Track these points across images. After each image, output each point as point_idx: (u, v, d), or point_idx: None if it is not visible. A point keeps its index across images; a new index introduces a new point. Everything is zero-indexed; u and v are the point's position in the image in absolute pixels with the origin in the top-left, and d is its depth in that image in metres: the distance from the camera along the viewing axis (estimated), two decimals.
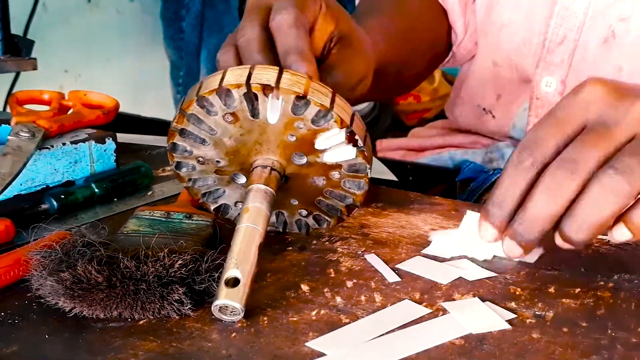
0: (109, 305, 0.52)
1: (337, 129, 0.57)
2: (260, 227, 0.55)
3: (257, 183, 0.58)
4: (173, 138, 0.61)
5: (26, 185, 0.72)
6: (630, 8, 0.86)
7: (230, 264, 0.53)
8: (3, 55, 0.88)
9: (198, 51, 2.20)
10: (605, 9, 0.87)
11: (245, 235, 0.55)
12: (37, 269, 0.54)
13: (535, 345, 0.49)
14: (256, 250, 0.54)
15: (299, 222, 0.66)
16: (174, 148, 0.62)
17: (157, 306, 0.52)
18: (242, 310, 0.51)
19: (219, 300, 0.51)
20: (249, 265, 0.53)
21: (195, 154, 0.61)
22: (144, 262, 0.53)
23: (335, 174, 0.61)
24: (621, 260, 0.62)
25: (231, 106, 0.58)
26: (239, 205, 0.65)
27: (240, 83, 0.56)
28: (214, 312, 0.52)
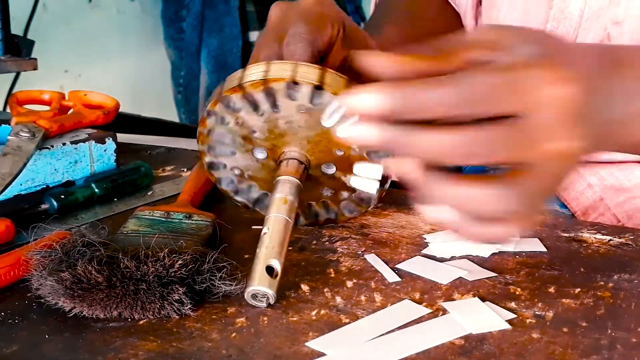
0: (109, 305, 0.52)
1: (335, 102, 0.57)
2: (291, 219, 0.57)
3: (281, 175, 0.60)
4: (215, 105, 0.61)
5: (26, 185, 0.72)
6: (624, 12, 0.86)
7: (272, 252, 0.54)
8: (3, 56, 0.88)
9: (198, 51, 2.20)
10: (600, 11, 0.87)
11: (280, 225, 0.56)
12: (37, 268, 0.54)
13: (535, 345, 0.49)
14: (288, 240, 0.56)
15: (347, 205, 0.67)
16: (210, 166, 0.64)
17: (157, 306, 0.52)
18: (274, 299, 0.53)
19: (259, 287, 0.53)
20: (283, 255, 0.55)
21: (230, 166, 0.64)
22: (144, 262, 0.53)
23: (344, 194, 0.64)
24: (621, 260, 0.62)
25: (237, 110, 0.60)
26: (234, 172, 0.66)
27: (234, 87, 0.59)
28: (247, 297, 0.53)
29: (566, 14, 0.90)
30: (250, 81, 0.58)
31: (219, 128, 0.61)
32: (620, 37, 0.87)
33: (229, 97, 0.59)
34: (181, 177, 0.83)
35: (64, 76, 2.10)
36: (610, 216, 0.81)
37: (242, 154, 0.63)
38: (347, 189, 0.65)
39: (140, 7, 2.33)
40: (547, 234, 0.66)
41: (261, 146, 0.62)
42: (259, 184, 0.65)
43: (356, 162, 0.62)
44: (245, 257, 0.62)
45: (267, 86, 0.57)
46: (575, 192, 0.83)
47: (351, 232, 0.67)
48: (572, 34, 0.89)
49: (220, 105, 0.60)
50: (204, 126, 0.62)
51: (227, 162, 0.64)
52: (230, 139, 0.62)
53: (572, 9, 0.89)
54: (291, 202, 0.58)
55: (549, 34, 0.54)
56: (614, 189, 0.82)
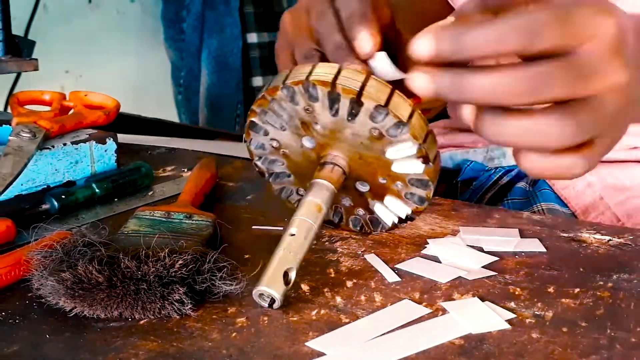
0: (109, 305, 0.52)
1: (410, 143, 0.58)
2: (316, 224, 0.57)
3: (323, 178, 0.60)
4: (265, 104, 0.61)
5: (27, 185, 0.72)
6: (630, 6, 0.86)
7: (293, 259, 0.55)
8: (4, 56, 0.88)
9: (199, 52, 2.20)
10: None
11: (308, 232, 0.56)
12: (38, 268, 0.54)
13: (535, 345, 0.49)
14: (309, 247, 0.56)
15: (356, 220, 0.67)
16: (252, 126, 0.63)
17: (157, 306, 0.52)
18: (279, 304, 0.54)
19: (272, 291, 0.53)
20: (299, 263, 0.55)
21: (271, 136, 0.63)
22: (144, 262, 0.53)
23: (399, 184, 0.62)
24: (621, 260, 0.62)
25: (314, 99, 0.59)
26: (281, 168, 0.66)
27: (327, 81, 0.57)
28: (254, 293, 0.53)
29: None
30: (344, 86, 0.57)
31: (285, 103, 0.60)
32: None
33: (316, 86, 0.58)
34: (181, 177, 0.83)
35: (64, 77, 2.10)
36: (610, 215, 0.81)
37: (291, 134, 0.62)
38: (366, 209, 0.65)
39: (140, 7, 2.33)
40: (547, 234, 0.66)
41: (314, 138, 0.62)
42: (288, 163, 0.65)
43: (390, 195, 0.63)
44: (245, 257, 0.62)
45: (358, 99, 0.57)
46: (575, 191, 0.83)
47: (351, 232, 0.67)
48: None
49: (301, 88, 0.58)
50: (273, 95, 0.60)
51: (271, 132, 0.63)
52: (288, 117, 0.61)
53: None
54: (324, 212, 0.58)
55: None
56: (615, 188, 0.82)
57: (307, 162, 0.63)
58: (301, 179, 0.65)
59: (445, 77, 0.49)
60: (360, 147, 0.60)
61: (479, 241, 0.64)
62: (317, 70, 0.58)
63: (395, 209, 0.64)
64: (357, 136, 0.60)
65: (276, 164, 0.66)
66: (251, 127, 0.64)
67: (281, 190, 0.68)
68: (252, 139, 0.64)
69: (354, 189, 0.64)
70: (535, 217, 0.70)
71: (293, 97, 0.59)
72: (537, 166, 0.51)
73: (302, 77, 0.58)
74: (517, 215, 0.71)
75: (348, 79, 0.57)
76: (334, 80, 0.57)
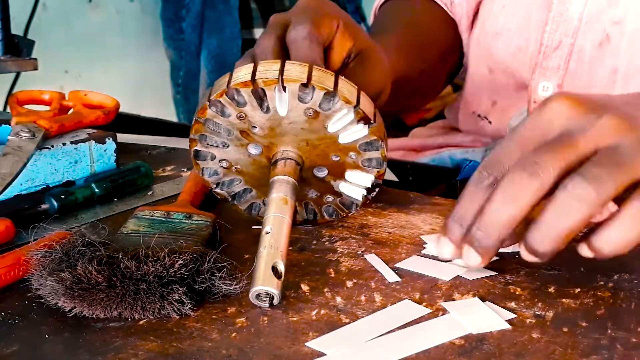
0: (109, 305, 0.52)
1: (345, 110, 0.58)
2: (287, 216, 0.57)
3: (279, 175, 0.60)
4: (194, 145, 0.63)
5: (26, 185, 0.72)
6: (624, 11, 0.86)
7: (276, 253, 0.54)
8: (3, 56, 0.88)
9: (198, 51, 2.20)
10: (599, 13, 0.87)
11: (281, 225, 0.56)
12: (37, 268, 0.54)
13: (535, 345, 0.49)
14: (288, 239, 0.56)
15: (328, 208, 0.67)
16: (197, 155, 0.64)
17: (157, 306, 0.52)
18: (278, 299, 0.53)
19: (266, 287, 0.53)
20: (285, 256, 0.55)
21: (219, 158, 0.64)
22: (144, 262, 0.53)
23: (352, 155, 0.62)
24: (621, 260, 0.62)
25: (242, 104, 0.59)
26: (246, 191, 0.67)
27: (246, 81, 0.58)
28: (251, 296, 0.53)
29: (565, 17, 0.90)
30: (264, 78, 0.58)
31: (217, 119, 0.61)
32: (621, 36, 0.87)
33: (238, 90, 0.59)
34: (181, 177, 0.83)
35: (64, 76, 2.10)
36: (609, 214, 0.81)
37: (235, 148, 0.63)
38: (333, 193, 0.66)
39: (140, 7, 2.33)
40: None
41: (258, 142, 0.62)
42: (245, 178, 0.65)
43: (349, 169, 0.63)
44: (245, 257, 0.62)
45: (281, 85, 0.58)
46: None
47: (351, 232, 0.67)
48: (570, 36, 0.90)
49: (225, 97, 0.59)
50: (203, 115, 0.61)
51: (217, 154, 0.64)
52: (226, 131, 0.62)
53: (571, 12, 0.89)
54: (291, 203, 0.59)
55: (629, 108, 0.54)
56: None
57: (260, 169, 0.64)
58: (262, 190, 0.66)
59: None
60: (302, 133, 0.60)
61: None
62: (235, 75, 0.59)
63: (358, 180, 0.64)
64: (295, 124, 0.60)
65: (234, 184, 0.66)
66: (197, 157, 0.64)
67: (249, 208, 0.68)
68: (203, 168, 0.65)
69: (314, 177, 0.64)
70: None
71: (223, 110, 0.60)
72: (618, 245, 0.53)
73: (223, 87, 0.59)
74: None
75: (265, 71, 0.58)
76: (253, 77, 0.58)
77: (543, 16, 0.91)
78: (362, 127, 0.60)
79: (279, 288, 0.53)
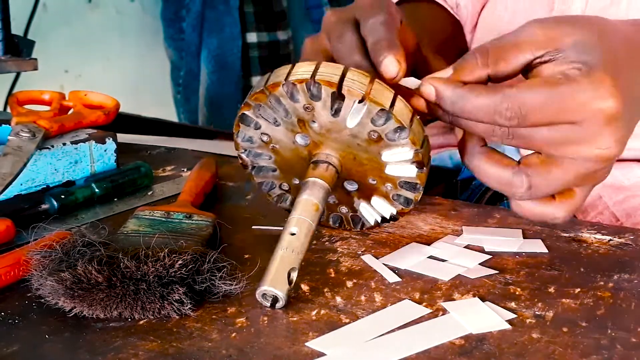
0: (109, 305, 0.52)
1: (407, 148, 0.59)
2: (314, 223, 0.57)
3: (318, 177, 0.60)
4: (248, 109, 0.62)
5: (26, 185, 0.72)
6: (625, 12, 0.86)
7: (296, 259, 0.54)
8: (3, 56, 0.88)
9: (198, 51, 2.20)
10: (602, 11, 0.87)
11: (307, 231, 0.56)
12: (37, 268, 0.54)
13: (535, 345, 0.49)
14: (309, 246, 0.56)
15: (336, 217, 0.67)
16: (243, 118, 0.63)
17: (157, 306, 0.52)
18: (283, 304, 0.54)
19: (278, 291, 0.53)
20: (301, 261, 0.55)
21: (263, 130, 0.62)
22: (144, 262, 0.53)
23: (389, 185, 0.62)
24: (621, 260, 0.62)
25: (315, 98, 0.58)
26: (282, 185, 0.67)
27: (332, 82, 0.57)
28: (258, 293, 0.53)
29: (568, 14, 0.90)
30: (349, 87, 0.57)
31: (283, 99, 0.59)
32: None
33: (320, 85, 0.57)
34: (181, 177, 0.83)
35: (64, 76, 2.10)
36: (609, 214, 0.81)
37: (285, 130, 0.62)
38: (350, 207, 0.66)
39: (140, 7, 2.33)
40: (547, 234, 0.66)
41: (310, 136, 0.61)
42: (276, 158, 0.64)
43: (377, 195, 0.63)
44: (245, 257, 0.62)
45: (363, 102, 0.57)
46: None
47: (351, 232, 0.67)
48: None
49: (304, 86, 0.58)
50: (273, 90, 0.59)
51: (263, 125, 0.62)
52: (285, 113, 0.60)
53: (573, 11, 0.89)
54: (321, 210, 0.58)
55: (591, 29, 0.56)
56: (613, 187, 0.82)
57: (296, 158, 0.63)
58: (287, 174, 0.65)
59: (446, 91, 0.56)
60: (356, 148, 0.60)
61: (482, 241, 0.64)
62: (322, 70, 0.58)
63: (380, 209, 0.64)
64: (354, 137, 0.59)
65: (262, 158, 0.65)
66: (242, 119, 0.63)
67: (262, 184, 0.67)
68: (241, 131, 0.64)
69: (342, 187, 0.64)
70: None
71: (293, 94, 0.59)
72: (526, 212, 0.59)
73: (307, 76, 0.58)
74: (517, 215, 0.71)
75: (353, 81, 0.57)
76: (340, 81, 0.57)
77: (545, 14, 0.91)
78: (414, 169, 0.60)
79: (287, 294, 0.53)
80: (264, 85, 0.59)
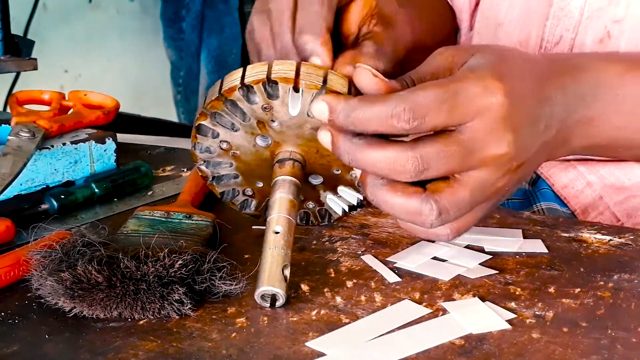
0: (109, 305, 0.52)
1: (288, 87, 0.58)
2: (294, 219, 0.58)
3: (287, 175, 0.60)
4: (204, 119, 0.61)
5: (26, 185, 0.72)
6: (624, 11, 0.86)
7: (286, 256, 0.55)
8: (3, 56, 0.88)
9: (198, 51, 2.20)
10: (600, 10, 0.87)
11: (290, 228, 0.57)
12: (37, 268, 0.54)
13: (535, 345, 0.49)
14: (292, 243, 0.57)
15: (303, 214, 0.67)
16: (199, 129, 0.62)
17: (157, 306, 0.52)
18: (283, 301, 0.54)
19: (277, 289, 0.53)
20: (278, 251, 0.55)
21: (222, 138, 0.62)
22: (144, 262, 0.53)
23: (353, 173, 0.62)
24: (621, 260, 0.62)
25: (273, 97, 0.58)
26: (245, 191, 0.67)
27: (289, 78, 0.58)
28: (257, 295, 0.53)
29: (566, 11, 0.90)
30: (307, 81, 0.57)
31: (240, 103, 0.59)
32: (620, 35, 0.86)
33: (277, 83, 0.58)
34: (181, 177, 0.83)
35: (64, 76, 2.10)
36: (609, 215, 0.81)
37: (244, 134, 0.62)
38: (316, 201, 0.66)
39: (140, 7, 2.33)
40: (547, 234, 0.66)
41: (270, 136, 0.62)
42: (238, 164, 0.64)
43: (343, 185, 0.64)
44: (245, 257, 0.62)
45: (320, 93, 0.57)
46: (574, 191, 0.83)
47: (351, 232, 0.67)
48: (571, 31, 0.89)
49: (260, 86, 0.58)
50: (230, 95, 0.59)
51: (222, 133, 0.62)
52: (242, 116, 0.60)
53: (572, 7, 0.89)
54: (297, 206, 0.59)
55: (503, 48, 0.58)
56: (614, 187, 0.82)
57: (259, 161, 0.63)
58: (249, 179, 0.65)
59: (341, 143, 0.54)
60: (317, 141, 0.59)
61: (482, 241, 0.64)
62: (276, 68, 0.58)
63: (347, 197, 0.65)
64: (316, 130, 0.59)
65: (222, 166, 0.65)
66: (199, 130, 0.62)
67: (225, 193, 0.67)
68: (198, 142, 0.63)
69: (307, 182, 0.64)
70: (536, 217, 0.70)
71: (250, 96, 0.59)
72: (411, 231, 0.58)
73: (262, 76, 0.58)
74: (517, 215, 0.71)
75: (309, 74, 0.57)
76: (296, 76, 0.57)
77: (544, 10, 0.91)
78: None
79: (285, 291, 0.54)
80: (219, 92, 0.59)
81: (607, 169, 0.82)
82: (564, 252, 0.63)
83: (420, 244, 0.64)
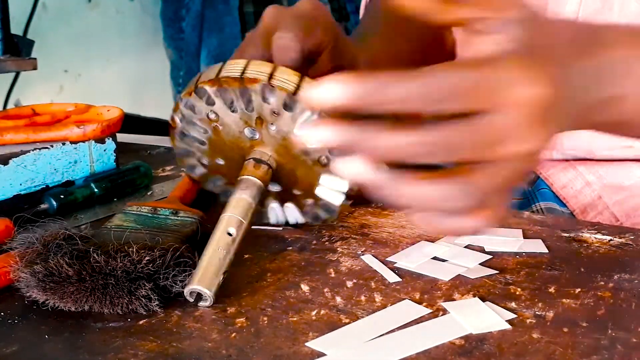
0: (79, 299, 0.52)
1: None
2: (242, 217, 0.58)
3: (254, 176, 0.61)
4: None
5: (26, 185, 0.72)
6: (617, 17, 0.86)
7: (229, 262, 0.55)
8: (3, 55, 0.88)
9: (198, 51, 2.20)
10: (594, 15, 0.87)
11: (243, 234, 0.57)
12: (16, 261, 0.55)
13: (535, 345, 0.49)
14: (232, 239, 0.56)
15: (308, 213, 0.67)
16: None
17: (125, 301, 0.52)
18: (212, 298, 0.53)
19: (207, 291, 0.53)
20: (223, 253, 0.55)
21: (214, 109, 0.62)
22: (113, 257, 0.53)
23: (309, 201, 0.64)
24: (621, 260, 0.62)
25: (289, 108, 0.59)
26: None
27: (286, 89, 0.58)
28: (187, 295, 0.54)
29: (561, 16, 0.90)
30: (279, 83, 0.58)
31: (255, 96, 0.59)
32: None
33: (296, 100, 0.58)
34: (181, 177, 0.82)
35: (63, 76, 2.10)
36: (608, 215, 0.81)
37: (238, 119, 0.61)
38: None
39: (139, 6, 2.33)
40: (547, 234, 0.66)
41: (260, 134, 0.61)
42: (213, 137, 0.64)
43: (292, 204, 0.65)
44: (245, 257, 0.61)
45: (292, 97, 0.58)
46: (574, 190, 0.83)
47: (351, 232, 0.67)
48: None
49: (282, 94, 0.58)
50: (250, 85, 0.58)
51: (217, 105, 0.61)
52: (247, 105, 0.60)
53: (566, 13, 0.89)
54: (255, 209, 0.59)
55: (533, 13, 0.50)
56: (613, 187, 0.82)
57: (234, 144, 0.63)
58: (213, 152, 0.65)
59: (350, 131, 0.45)
60: (300, 162, 0.62)
61: (482, 241, 0.64)
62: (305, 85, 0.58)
63: (289, 214, 0.66)
64: (305, 154, 0.61)
65: (196, 128, 0.63)
66: (197, 91, 0.61)
67: (182, 150, 0.66)
68: (190, 98, 0.62)
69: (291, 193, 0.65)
70: (536, 217, 0.70)
71: (266, 94, 0.59)
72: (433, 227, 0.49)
73: (290, 87, 0.58)
74: (517, 215, 0.71)
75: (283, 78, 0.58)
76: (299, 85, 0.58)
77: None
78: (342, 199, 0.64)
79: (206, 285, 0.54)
80: (241, 75, 0.58)
81: (606, 168, 0.82)
82: (564, 252, 0.63)
83: (421, 244, 0.64)
